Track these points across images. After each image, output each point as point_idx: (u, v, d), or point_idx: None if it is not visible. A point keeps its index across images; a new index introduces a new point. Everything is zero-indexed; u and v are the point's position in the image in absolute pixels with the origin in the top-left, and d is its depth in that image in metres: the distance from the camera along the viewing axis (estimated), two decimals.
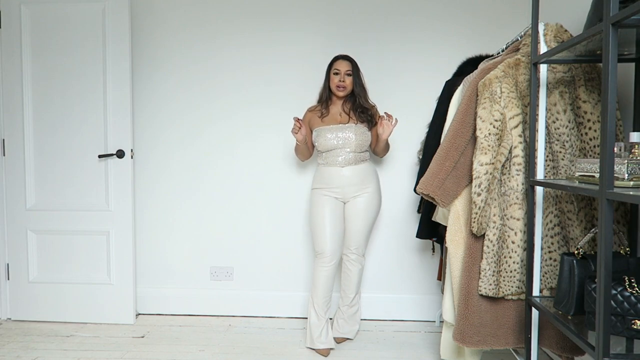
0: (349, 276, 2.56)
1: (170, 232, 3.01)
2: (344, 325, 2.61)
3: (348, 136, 2.44)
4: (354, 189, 2.47)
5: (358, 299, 2.63)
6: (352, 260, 2.54)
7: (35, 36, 2.77)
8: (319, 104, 2.58)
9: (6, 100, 2.81)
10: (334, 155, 2.46)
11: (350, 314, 2.61)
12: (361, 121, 2.49)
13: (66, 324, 2.82)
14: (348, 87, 2.49)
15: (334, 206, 2.48)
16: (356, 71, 2.51)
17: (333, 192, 2.48)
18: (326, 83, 2.54)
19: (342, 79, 2.47)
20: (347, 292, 2.58)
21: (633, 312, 1.32)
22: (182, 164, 2.98)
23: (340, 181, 2.46)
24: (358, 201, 2.48)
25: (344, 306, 2.60)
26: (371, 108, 2.54)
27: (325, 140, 2.46)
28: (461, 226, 1.92)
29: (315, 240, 2.49)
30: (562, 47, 1.49)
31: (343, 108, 2.53)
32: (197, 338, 2.64)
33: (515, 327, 1.84)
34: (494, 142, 1.79)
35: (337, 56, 2.55)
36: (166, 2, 2.93)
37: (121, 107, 2.74)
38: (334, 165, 2.47)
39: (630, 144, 1.34)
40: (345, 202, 2.52)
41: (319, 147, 2.51)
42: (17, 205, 2.84)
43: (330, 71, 2.52)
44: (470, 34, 2.81)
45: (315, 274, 2.48)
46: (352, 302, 2.59)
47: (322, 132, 2.48)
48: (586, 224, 1.75)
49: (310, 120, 2.58)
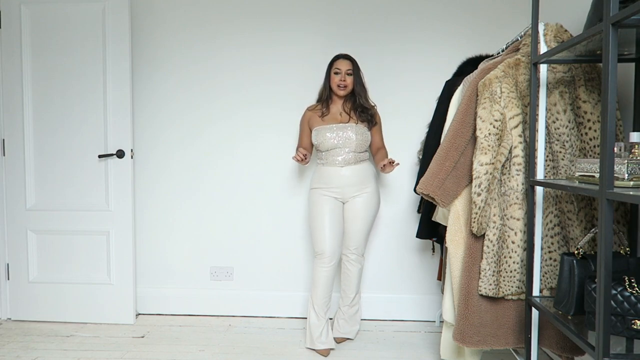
0: (349, 276, 2.55)
1: (170, 232, 3.01)
2: (345, 326, 2.60)
3: (348, 136, 2.43)
4: (353, 189, 2.46)
5: (358, 299, 2.62)
6: (352, 261, 2.53)
7: (35, 36, 2.77)
8: (319, 103, 2.57)
9: (6, 100, 2.81)
10: (333, 155, 2.45)
11: (351, 314, 2.60)
12: (361, 121, 2.48)
13: (66, 324, 2.82)
14: (349, 86, 2.48)
15: (333, 206, 2.47)
16: (357, 70, 2.51)
17: (332, 192, 2.47)
18: (326, 82, 2.54)
19: (343, 78, 2.47)
20: (347, 292, 2.57)
21: (633, 312, 1.32)
22: (182, 164, 2.98)
23: (339, 181, 2.45)
24: (357, 201, 2.47)
25: (344, 306, 2.59)
26: (371, 108, 2.53)
27: (325, 139, 2.45)
28: (461, 226, 1.92)
29: (314, 240, 2.48)
30: (562, 47, 1.49)
31: (343, 107, 2.53)
32: (197, 338, 2.64)
33: (515, 327, 1.84)
34: (494, 142, 1.79)
35: (337, 55, 2.54)
36: (166, 2, 2.92)
37: (121, 107, 2.74)
38: (334, 165, 2.46)
39: (630, 144, 1.34)
40: (344, 202, 2.51)
41: (319, 147, 2.49)
42: (17, 205, 2.84)
43: (331, 70, 2.51)
44: (470, 34, 2.81)
45: (314, 274, 2.47)
46: (352, 302, 2.58)
47: (322, 131, 2.47)
48: (586, 224, 1.75)
49: (310, 120, 2.56)
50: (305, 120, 2.59)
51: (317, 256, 2.47)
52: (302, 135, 2.61)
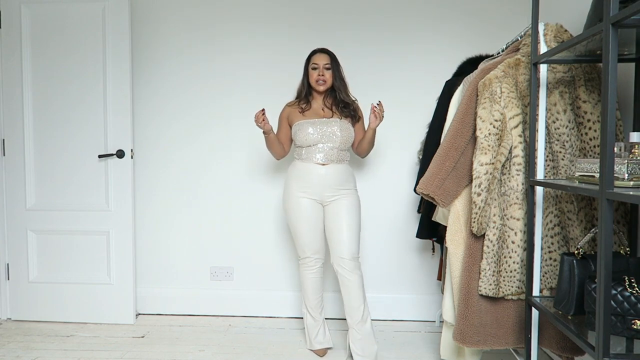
0: (350, 287, 2.25)
1: (170, 232, 3.01)
2: (365, 347, 2.25)
3: (333, 131, 2.29)
4: (331, 190, 2.30)
5: (368, 313, 2.29)
6: (349, 270, 2.25)
7: (35, 36, 2.77)
8: (298, 99, 2.45)
9: (6, 100, 2.81)
10: (314, 152, 2.30)
11: (366, 333, 2.26)
12: (344, 116, 2.37)
13: (66, 324, 2.82)
14: (328, 80, 2.35)
15: (311, 210, 2.32)
16: (335, 64, 2.37)
17: (308, 193, 2.31)
18: (305, 79, 2.41)
19: (322, 73, 2.34)
20: (353, 306, 2.25)
21: (633, 312, 1.32)
22: (182, 163, 2.98)
23: (317, 180, 2.29)
24: (338, 205, 2.30)
25: (356, 324, 2.26)
26: (352, 103, 2.41)
27: (305, 134, 2.29)
28: (461, 226, 1.92)
29: (296, 245, 2.41)
30: (562, 47, 1.49)
31: (325, 103, 2.40)
32: (197, 338, 2.64)
33: (515, 327, 1.84)
34: (494, 142, 1.79)
35: (314, 50, 2.43)
36: (166, 3, 2.93)
37: (121, 107, 2.74)
38: (313, 162, 2.30)
39: (630, 144, 1.34)
40: (323, 204, 2.35)
41: (298, 142, 2.33)
42: (17, 205, 2.84)
43: (309, 66, 2.39)
44: (470, 34, 2.81)
45: (302, 279, 2.44)
46: (363, 317, 2.26)
47: (303, 126, 2.31)
48: (586, 224, 1.75)
49: (289, 115, 2.42)
50: (284, 116, 2.45)
51: (301, 260, 2.43)
52: (279, 131, 2.46)
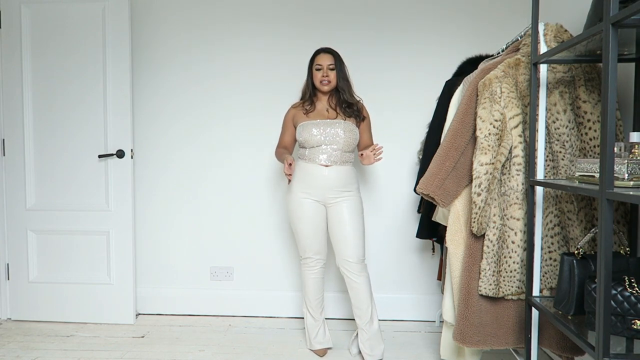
0: (358, 290, 2.28)
1: (170, 232, 3.01)
2: (374, 347, 2.32)
3: (336, 132, 2.28)
4: (334, 192, 2.29)
5: (376, 314, 2.34)
6: (356, 272, 2.27)
7: (35, 36, 2.77)
8: (303, 100, 2.44)
9: (6, 100, 2.81)
10: (317, 153, 2.29)
11: (374, 332, 2.32)
12: (348, 116, 2.35)
13: (66, 324, 2.82)
14: (332, 81, 2.34)
15: (314, 211, 2.32)
16: (339, 64, 2.36)
17: (311, 194, 2.31)
18: (309, 80, 2.40)
19: (326, 74, 2.33)
20: (361, 308, 2.30)
21: (633, 312, 1.32)
22: (182, 164, 2.98)
23: (320, 182, 2.29)
24: (342, 207, 2.30)
25: (365, 325, 2.31)
26: (356, 103, 2.39)
27: (310, 135, 2.28)
28: (461, 226, 1.92)
29: (298, 245, 2.42)
30: (562, 47, 1.49)
31: (329, 103, 2.39)
32: (197, 338, 2.64)
33: (515, 327, 1.84)
34: (494, 142, 1.79)
35: (318, 50, 2.41)
36: (166, 3, 2.93)
37: (121, 107, 2.74)
38: (316, 162, 2.29)
39: (630, 144, 1.34)
40: (326, 206, 2.34)
41: (303, 143, 2.33)
42: (17, 205, 2.84)
43: (313, 66, 2.38)
44: (470, 34, 2.81)
45: (303, 279, 2.45)
46: (371, 317, 2.31)
47: (307, 127, 2.30)
48: (586, 224, 1.75)
49: (294, 117, 2.42)
50: (289, 117, 2.44)
51: (303, 260, 2.43)
52: (285, 133, 2.46)
